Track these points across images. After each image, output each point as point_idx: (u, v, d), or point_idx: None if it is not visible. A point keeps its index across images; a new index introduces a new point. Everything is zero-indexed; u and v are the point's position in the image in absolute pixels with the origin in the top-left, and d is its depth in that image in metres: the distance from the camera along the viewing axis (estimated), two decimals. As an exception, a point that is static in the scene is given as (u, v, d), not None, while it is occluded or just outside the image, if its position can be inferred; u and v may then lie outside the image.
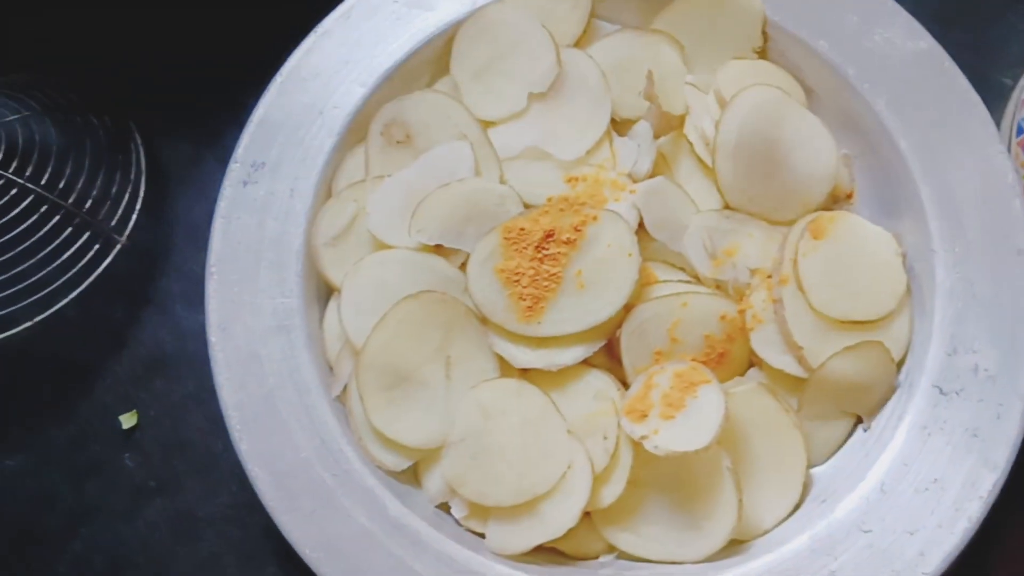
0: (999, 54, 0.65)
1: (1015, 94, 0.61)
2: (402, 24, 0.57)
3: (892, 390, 0.51)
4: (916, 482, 0.48)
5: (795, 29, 0.56)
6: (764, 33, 0.57)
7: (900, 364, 0.52)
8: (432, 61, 0.58)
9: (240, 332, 0.52)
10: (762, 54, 0.58)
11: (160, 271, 0.62)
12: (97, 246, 0.58)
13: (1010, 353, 0.50)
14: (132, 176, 0.61)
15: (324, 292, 0.55)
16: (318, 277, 0.54)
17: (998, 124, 0.56)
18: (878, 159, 0.55)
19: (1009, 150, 0.56)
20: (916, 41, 0.56)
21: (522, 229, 0.51)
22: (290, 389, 0.52)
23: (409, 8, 0.57)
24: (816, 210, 0.54)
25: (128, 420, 0.58)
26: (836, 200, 0.56)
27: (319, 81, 0.56)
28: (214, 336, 0.52)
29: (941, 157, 0.54)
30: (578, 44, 0.58)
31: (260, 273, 0.53)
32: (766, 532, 0.50)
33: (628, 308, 0.51)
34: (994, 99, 0.62)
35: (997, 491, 0.48)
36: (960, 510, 0.48)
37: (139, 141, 0.62)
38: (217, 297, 0.53)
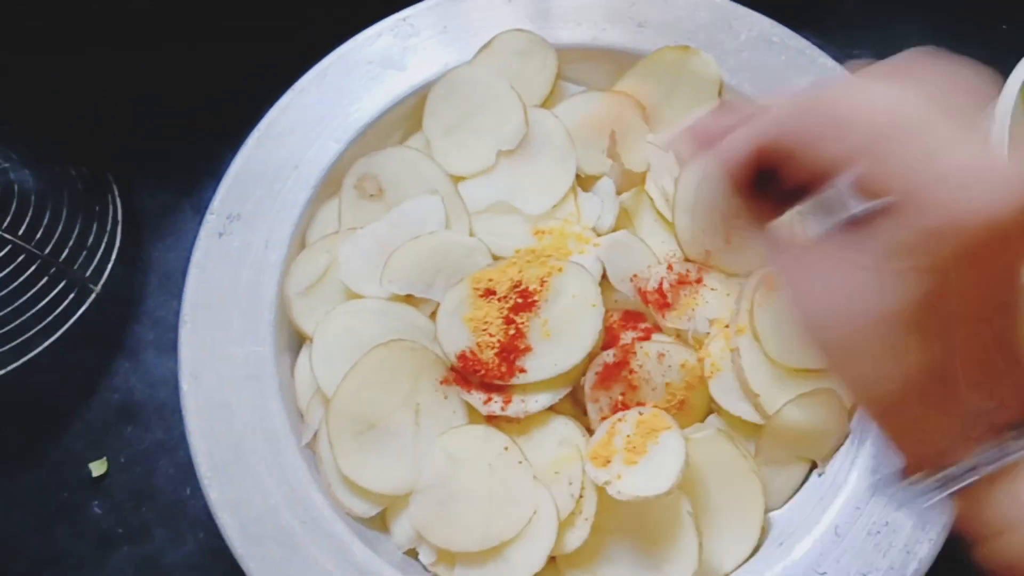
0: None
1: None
2: (376, 83, 0.60)
3: (845, 436, 0.53)
4: (868, 525, 0.50)
5: (750, 92, 0.59)
6: (721, 95, 0.60)
7: (852, 411, 0.54)
8: (405, 119, 0.61)
9: (211, 380, 0.53)
10: (719, 115, 0.60)
11: (133, 319, 0.63)
12: (72, 295, 0.59)
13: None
14: (108, 226, 0.62)
15: (296, 341, 0.56)
16: (290, 326, 0.56)
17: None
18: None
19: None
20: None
21: (490, 280, 0.53)
22: (260, 437, 0.53)
23: (383, 68, 0.60)
24: (771, 264, 0.56)
25: (98, 467, 0.59)
26: (790, 254, 0.58)
27: (295, 136, 0.58)
28: (186, 384, 0.53)
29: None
30: (545, 104, 0.60)
31: (233, 322, 0.54)
32: (726, 575, 0.51)
33: (592, 356, 0.53)
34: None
35: (946, 532, 0.50)
36: (911, 552, 0.49)
37: (116, 191, 0.64)
38: (190, 345, 0.54)
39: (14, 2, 0.68)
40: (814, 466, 0.54)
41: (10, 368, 0.58)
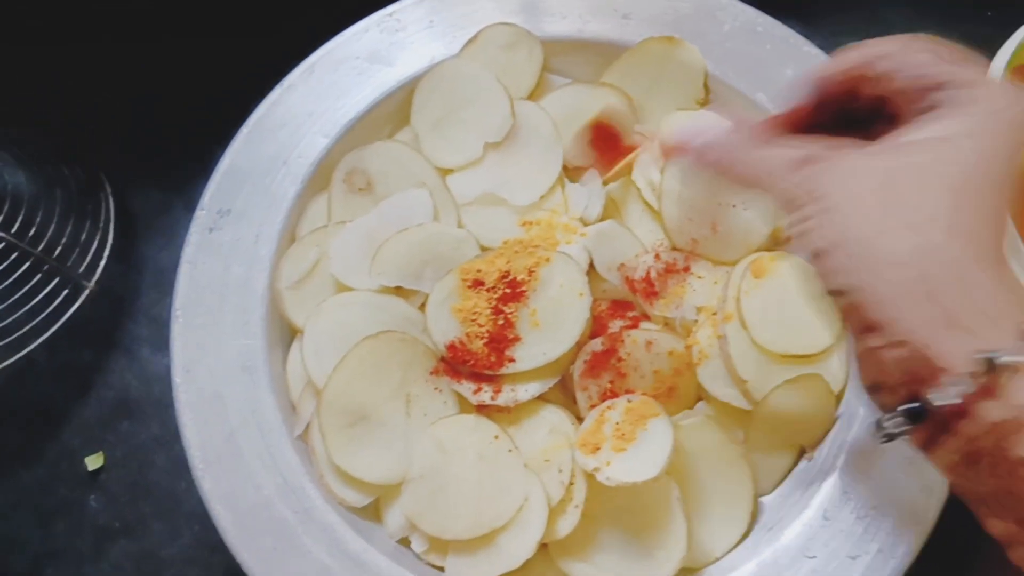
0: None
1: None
2: (364, 78, 0.60)
3: (832, 421, 0.54)
4: (857, 509, 0.50)
5: (735, 82, 0.60)
6: (706, 86, 0.60)
7: (840, 396, 0.54)
8: (393, 113, 0.61)
9: (204, 374, 0.54)
10: (704, 105, 0.61)
11: (127, 315, 0.63)
12: (66, 292, 0.60)
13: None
14: (101, 223, 0.63)
15: (287, 334, 0.57)
16: (281, 319, 0.56)
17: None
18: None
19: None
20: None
21: (479, 271, 0.53)
22: (253, 429, 0.53)
23: (370, 63, 0.60)
24: (757, 251, 0.57)
25: (94, 462, 0.59)
26: (777, 242, 0.59)
27: (284, 132, 0.59)
28: (178, 377, 0.53)
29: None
30: (531, 96, 0.61)
31: (224, 316, 0.55)
32: (716, 560, 0.52)
33: (580, 345, 0.53)
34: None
35: (936, 516, 0.50)
36: (900, 536, 0.50)
37: (109, 189, 0.64)
38: (182, 340, 0.54)
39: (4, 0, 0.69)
40: (803, 452, 0.54)
41: (4, 365, 0.59)
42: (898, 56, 0.38)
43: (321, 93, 0.59)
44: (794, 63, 0.60)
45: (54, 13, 0.70)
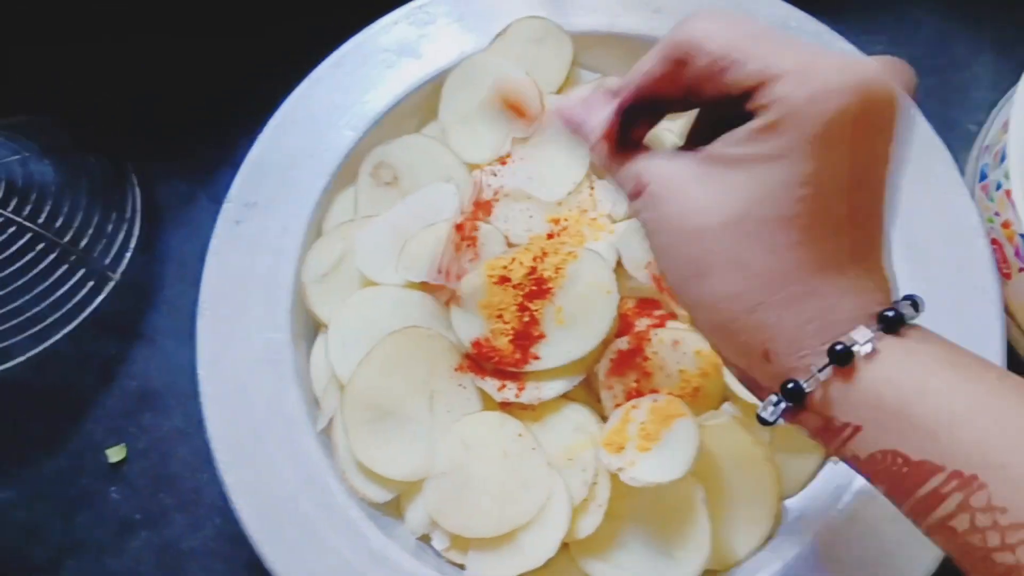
0: (965, 101, 0.68)
1: (979, 140, 0.64)
2: (392, 71, 0.60)
3: (861, 424, 0.53)
4: (885, 512, 0.50)
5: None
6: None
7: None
8: (420, 107, 0.61)
9: (229, 366, 0.54)
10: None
11: (151, 307, 0.63)
12: (91, 283, 0.60)
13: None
14: (127, 214, 0.63)
15: (312, 328, 0.57)
16: (307, 313, 0.56)
17: (963, 168, 0.58)
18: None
19: (972, 194, 0.58)
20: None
21: (505, 267, 0.53)
22: (277, 423, 0.53)
23: (399, 56, 0.60)
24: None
25: (116, 454, 0.59)
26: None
27: (312, 125, 0.58)
28: (203, 370, 0.53)
29: (906, 200, 0.56)
30: (560, 91, 0.60)
31: (250, 309, 0.55)
32: (740, 562, 0.51)
33: (606, 343, 0.53)
34: (960, 144, 0.65)
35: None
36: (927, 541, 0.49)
37: (135, 180, 0.64)
38: (207, 332, 0.54)
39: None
40: (829, 454, 0.54)
41: (29, 356, 0.59)
42: (700, 42, 0.34)
43: (349, 86, 0.59)
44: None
45: (80, 5, 0.70)
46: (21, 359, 0.59)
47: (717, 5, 0.59)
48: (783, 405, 0.33)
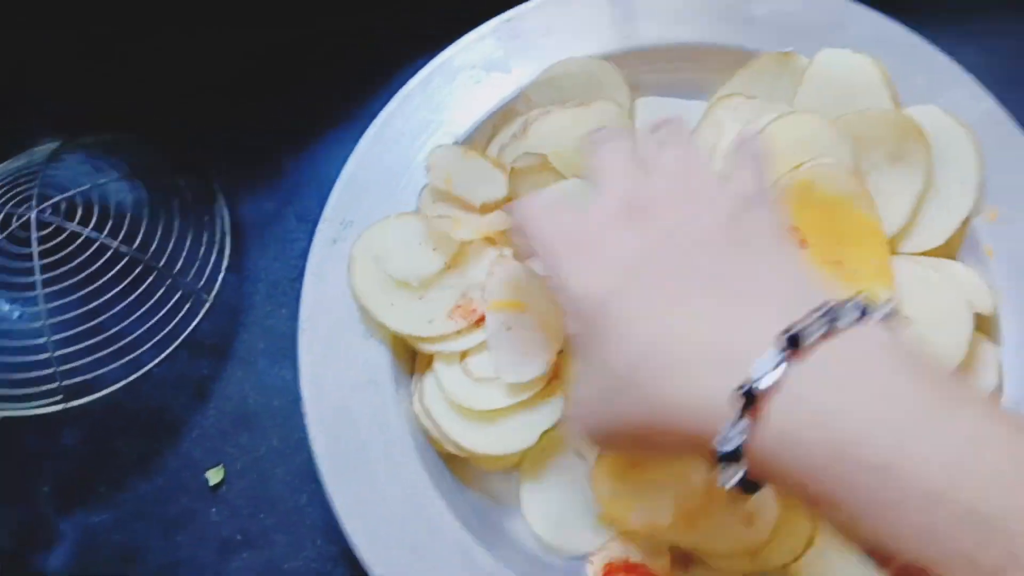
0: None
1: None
2: (481, 87, 0.59)
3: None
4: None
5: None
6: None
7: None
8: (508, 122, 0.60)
9: (331, 386, 0.54)
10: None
11: (244, 328, 0.63)
12: (187, 306, 0.60)
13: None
14: (217, 236, 0.63)
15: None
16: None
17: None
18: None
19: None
20: (980, 103, 0.57)
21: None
22: (380, 442, 0.53)
23: (487, 71, 0.60)
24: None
25: (215, 475, 0.59)
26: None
27: (404, 141, 0.58)
28: (307, 390, 0.53)
29: (1007, 211, 0.55)
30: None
31: (350, 328, 0.55)
32: None
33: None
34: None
35: None
36: None
37: (222, 201, 0.64)
38: (309, 351, 0.54)
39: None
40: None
41: (129, 380, 0.59)
42: None
43: (439, 103, 0.59)
44: (922, 72, 0.57)
45: (155, 22, 0.70)
46: (120, 384, 0.58)
47: (815, 16, 0.58)
48: (732, 467, 0.31)
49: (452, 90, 0.60)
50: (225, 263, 0.62)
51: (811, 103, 0.52)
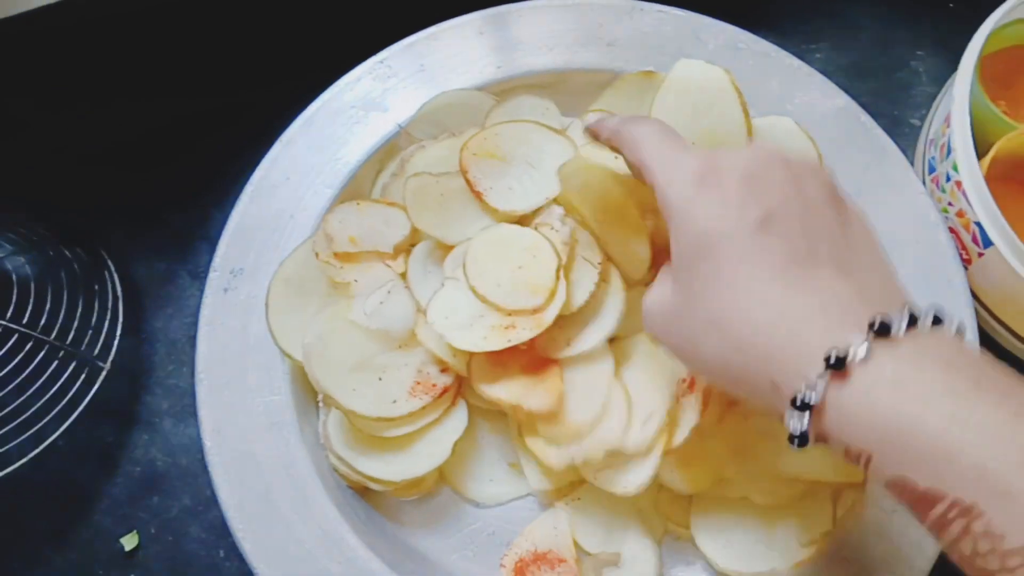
0: (906, 98, 0.71)
1: (923, 134, 0.66)
2: (361, 126, 0.61)
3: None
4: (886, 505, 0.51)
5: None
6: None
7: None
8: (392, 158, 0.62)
9: (233, 434, 0.53)
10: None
11: (145, 390, 0.63)
12: (83, 375, 0.59)
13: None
14: (109, 302, 0.62)
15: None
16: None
17: (911, 162, 0.60)
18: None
19: (924, 185, 0.60)
20: (833, 99, 0.61)
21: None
22: (287, 484, 0.53)
23: (366, 111, 0.61)
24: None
25: (130, 541, 0.58)
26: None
27: (288, 186, 0.59)
28: (209, 440, 0.53)
29: (870, 203, 0.57)
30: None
31: (248, 375, 0.55)
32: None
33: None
34: (906, 139, 0.68)
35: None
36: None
37: (112, 267, 0.64)
38: (208, 402, 0.54)
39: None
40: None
41: (31, 456, 0.57)
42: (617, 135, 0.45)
43: (321, 144, 0.60)
44: (777, 75, 0.61)
45: (32, 93, 0.70)
46: (22, 461, 0.57)
47: (670, 32, 0.61)
48: (798, 416, 0.34)
49: (333, 131, 0.61)
50: (119, 328, 0.62)
51: (667, 111, 0.55)
